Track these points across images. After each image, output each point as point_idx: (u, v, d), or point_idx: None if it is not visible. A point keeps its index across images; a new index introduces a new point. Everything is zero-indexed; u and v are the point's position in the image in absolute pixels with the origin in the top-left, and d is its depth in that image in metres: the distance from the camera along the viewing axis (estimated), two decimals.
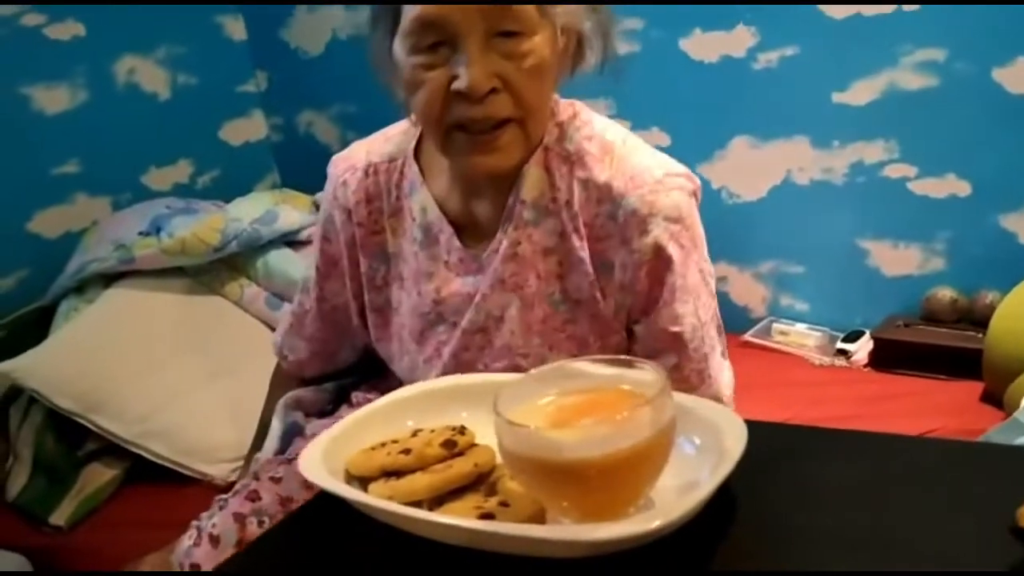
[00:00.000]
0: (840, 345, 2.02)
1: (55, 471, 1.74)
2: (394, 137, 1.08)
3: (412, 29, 0.89)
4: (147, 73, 2.42)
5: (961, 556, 0.56)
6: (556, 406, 0.64)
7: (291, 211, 2.08)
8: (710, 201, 2.21)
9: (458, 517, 0.61)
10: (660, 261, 0.96)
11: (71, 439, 1.78)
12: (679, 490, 0.61)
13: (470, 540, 0.59)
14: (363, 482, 0.69)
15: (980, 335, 1.81)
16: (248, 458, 1.25)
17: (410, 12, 0.89)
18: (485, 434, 0.65)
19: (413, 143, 1.05)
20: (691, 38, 2.14)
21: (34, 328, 1.94)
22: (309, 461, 0.69)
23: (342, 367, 1.23)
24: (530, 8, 0.88)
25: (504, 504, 0.63)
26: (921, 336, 1.95)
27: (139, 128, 2.40)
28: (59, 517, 1.67)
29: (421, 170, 1.04)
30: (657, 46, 2.15)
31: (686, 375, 1.00)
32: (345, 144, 1.13)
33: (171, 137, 2.48)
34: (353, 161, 1.08)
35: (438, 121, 0.91)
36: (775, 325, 2.17)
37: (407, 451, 0.69)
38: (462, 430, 0.71)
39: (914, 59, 1.94)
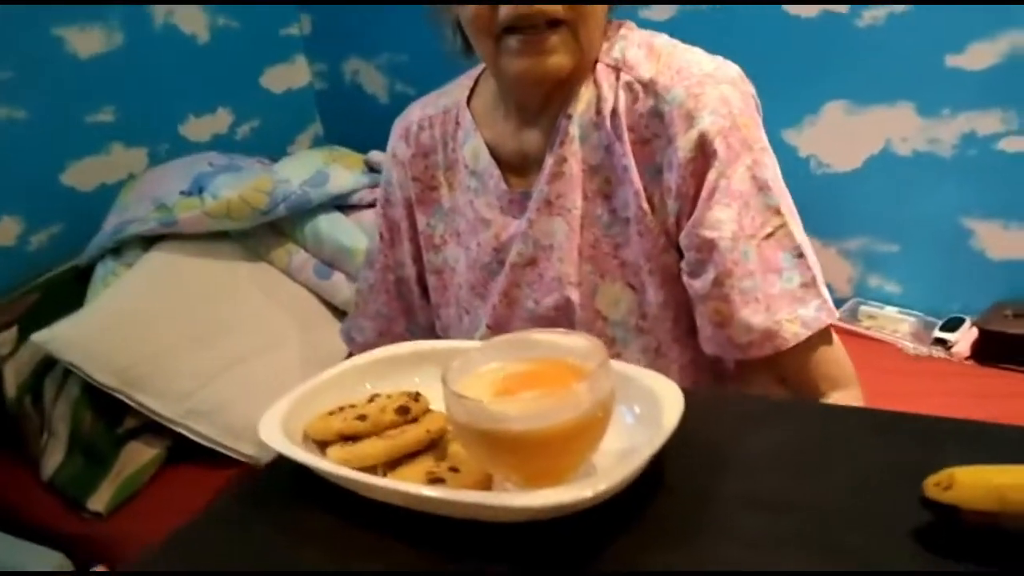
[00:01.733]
0: (938, 334, 1.85)
1: (94, 449, 1.62)
2: (449, 91, 1.09)
3: None
4: (185, 15, 2.27)
5: (869, 524, 0.57)
6: (503, 375, 0.67)
7: (342, 172, 1.93)
8: (795, 170, 2.05)
9: (406, 483, 0.64)
10: (704, 156, 0.90)
11: (110, 415, 1.66)
12: (620, 455, 0.65)
13: (419, 504, 0.63)
14: (321, 446, 0.72)
15: None
16: None
17: None
18: (438, 399, 0.67)
19: (467, 93, 1.05)
20: None
21: (70, 290, 1.82)
22: (269, 426, 0.71)
23: None
24: None
25: (454, 469, 0.66)
26: None
27: (177, 74, 2.26)
28: (97, 502, 1.56)
29: (474, 118, 1.03)
30: None
31: (726, 292, 0.90)
32: (394, 96, 1.08)
33: (210, 84, 2.35)
34: (409, 117, 1.10)
35: (488, 25, 0.89)
36: (862, 307, 2.00)
37: (363, 417, 0.71)
38: (416, 396, 0.73)
39: None
